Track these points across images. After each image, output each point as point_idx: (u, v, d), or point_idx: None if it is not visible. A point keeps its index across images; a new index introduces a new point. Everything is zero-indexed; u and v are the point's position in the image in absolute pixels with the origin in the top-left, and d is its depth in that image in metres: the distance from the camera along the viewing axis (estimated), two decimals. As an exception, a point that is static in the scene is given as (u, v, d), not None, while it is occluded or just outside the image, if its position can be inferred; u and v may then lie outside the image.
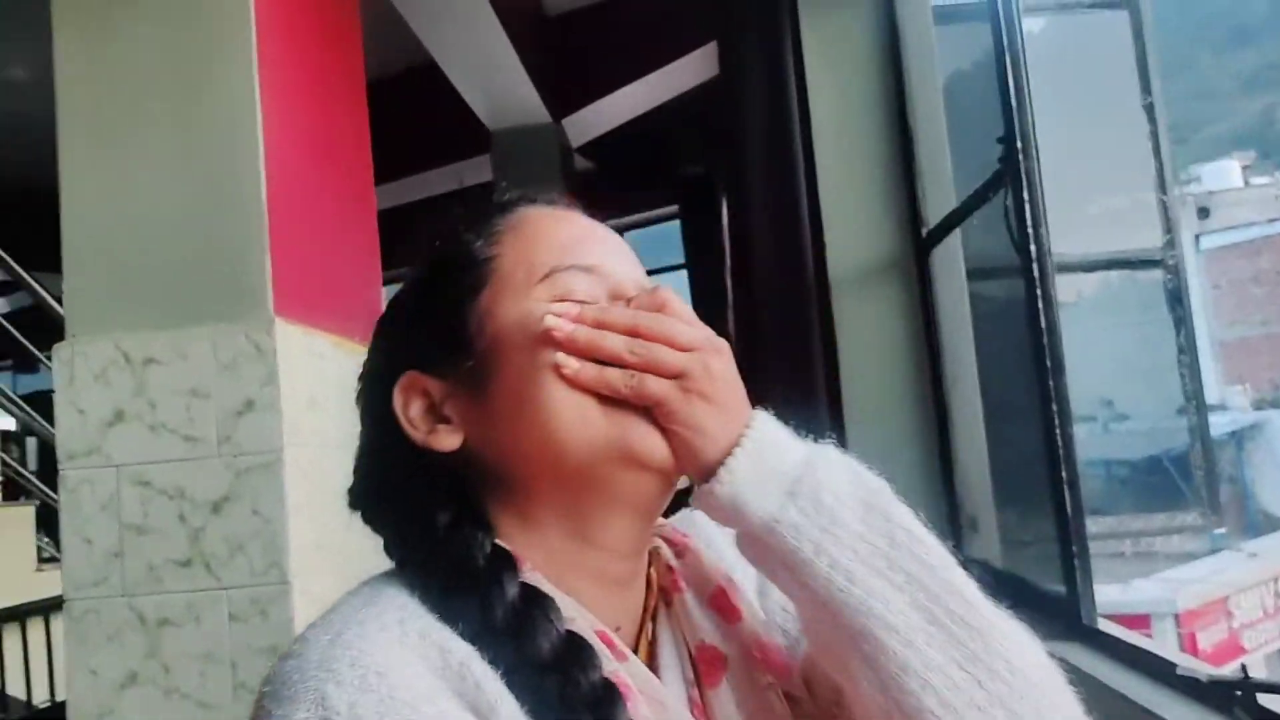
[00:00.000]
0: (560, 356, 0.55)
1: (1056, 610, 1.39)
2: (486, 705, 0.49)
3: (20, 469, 4.74)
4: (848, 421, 2.04)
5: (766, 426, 0.56)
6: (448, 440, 0.59)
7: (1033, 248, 1.37)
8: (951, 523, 1.94)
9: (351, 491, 0.65)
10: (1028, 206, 1.38)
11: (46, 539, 4.38)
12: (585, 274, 0.59)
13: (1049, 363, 1.34)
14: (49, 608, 3.64)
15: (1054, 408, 1.34)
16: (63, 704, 1.73)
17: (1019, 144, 1.39)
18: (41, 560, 4.18)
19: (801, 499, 0.54)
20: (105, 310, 1.64)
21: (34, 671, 3.60)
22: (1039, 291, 1.36)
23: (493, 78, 4.12)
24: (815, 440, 0.59)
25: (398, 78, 4.49)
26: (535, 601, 0.54)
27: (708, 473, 0.55)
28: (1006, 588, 1.61)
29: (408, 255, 0.67)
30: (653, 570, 0.63)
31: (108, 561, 1.58)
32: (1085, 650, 1.27)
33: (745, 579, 0.65)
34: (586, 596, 0.56)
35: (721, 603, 0.62)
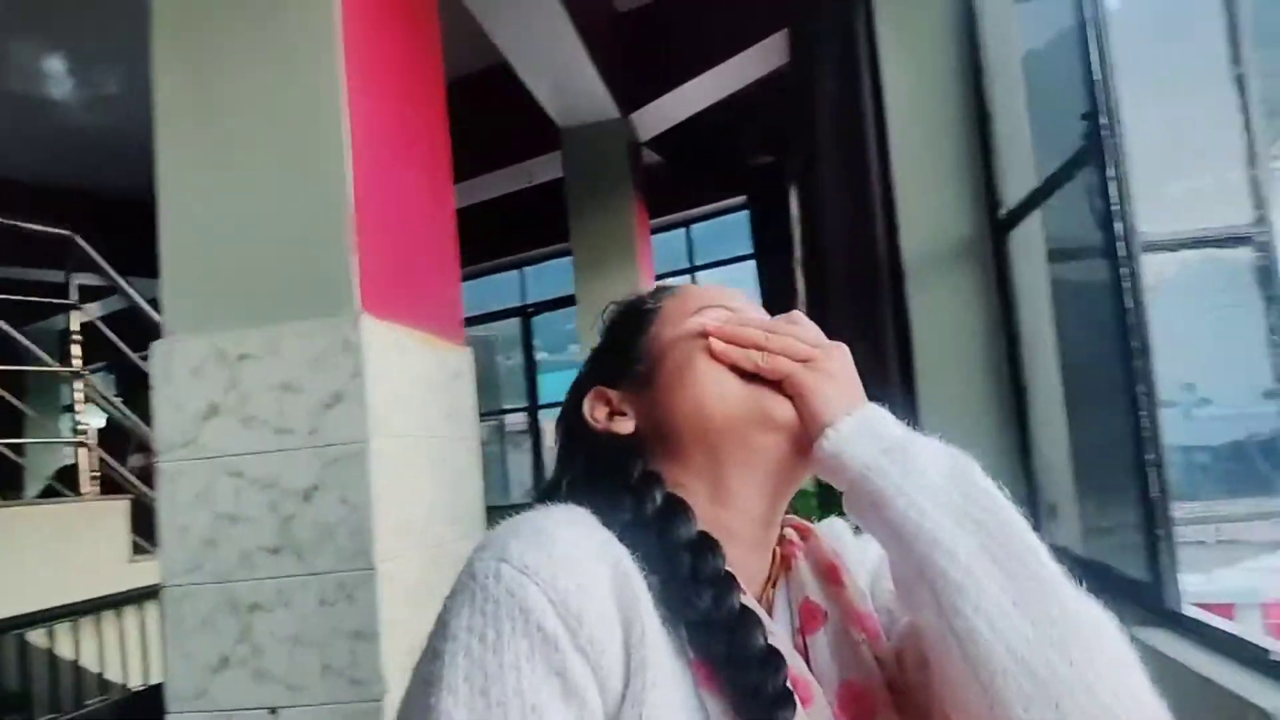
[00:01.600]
0: (711, 339, 0.70)
1: (1140, 596, 1.36)
2: (631, 595, 0.60)
3: (115, 464, 4.96)
4: (922, 408, 2.01)
5: (878, 409, 0.67)
6: (623, 426, 0.73)
7: (1119, 225, 1.33)
8: (1031, 510, 1.90)
9: (541, 488, 0.79)
10: (1113, 184, 1.35)
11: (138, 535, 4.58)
12: (728, 311, 0.75)
13: (1136, 343, 1.30)
14: (143, 597, 3.81)
15: (1140, 388, 1.31)
16: (158, 686, 1.80)
17: (1103, 119, 1.35)
18: (135, 552, 4.36)
19: (894, 454, 0.63)
20: (201, 309, 1.71)
21: (129, 657, 3.77)
22: (1125, 270, 1.32)
23: (563, 75, 4.16)
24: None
25: (470, 78, 4.57)
26: (705, 542, 0.65)
27: (822, 432, 0.66)
28: (1088, 574, 1.58)
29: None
30: (778, 548, 0.74)
31: (202, 549, 1.65)
32: (1171, 636, 1.23)
33: (859, 573, 0.75)
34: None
35: (830, 573, 0.72)
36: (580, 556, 0.59)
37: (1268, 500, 1.78)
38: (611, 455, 0.72)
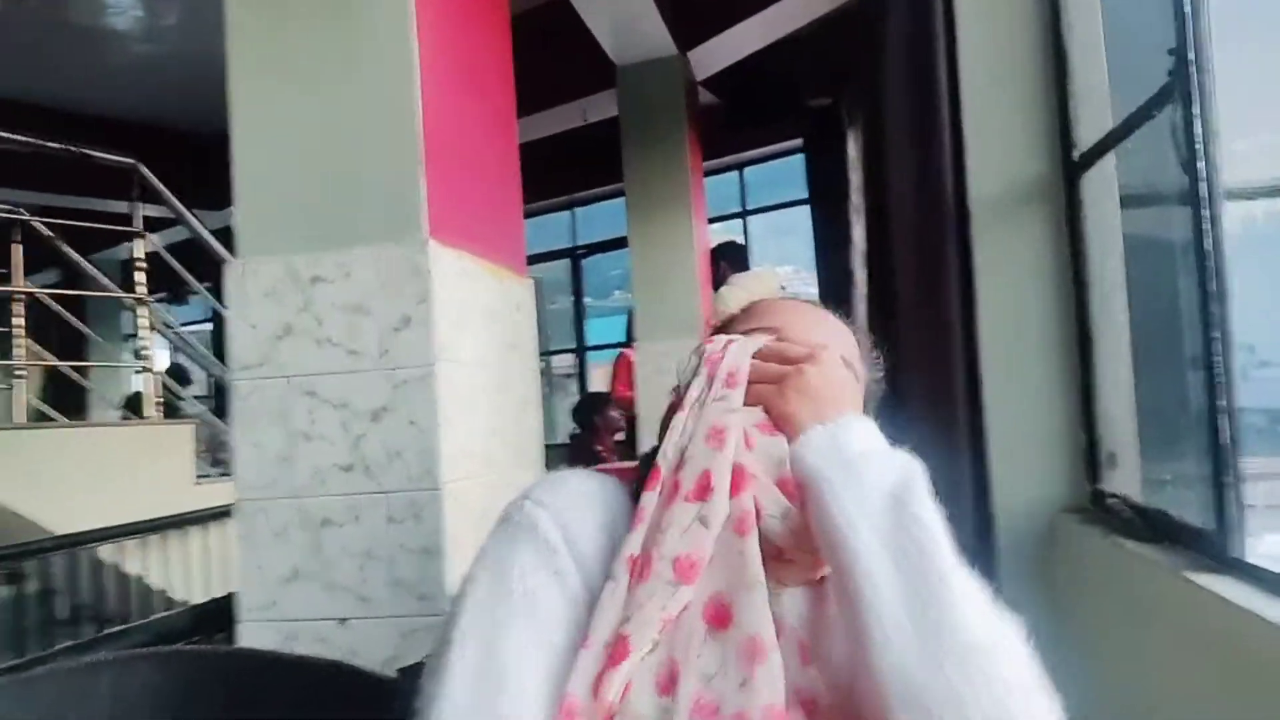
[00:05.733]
0: None
1: (1203, 545, 1.35)
2: (624, 531, 0.79)
3: (180, 391, 5.12)
4: (984, 353, 2.00)
5: (852, 422, 0.79)
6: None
7: (1202, 165, 1.30)
8: (1090, 459, 1.89)
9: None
10: (1199, 122, 1.31)
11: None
12: (766, 332, 0.90)
13: (1213, 286, 1.28)
14: (207, 518, 3.96)
15: (1215, 334, 1.28)
16: (225, 599, 1.88)
17: (1191, 55, 1.31)
18: (198, 476, 4.52)
19: (845, 468, 0.74)
20: (273, 232, 1.74)
21: (194, 576, 3.93)
22: (1207, 213, 1.29)
23: (621, 9, 4.11)
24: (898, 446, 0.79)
25: (527, 13, 4.53)
26: None
27: (794, 440, 0.79)
28: (1149, 522, 1.58)
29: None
30: None
31: (276, 465, 1.71)
32: (1236, 583, 1.23)
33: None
34: None
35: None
36: (583, 499, 0.82)
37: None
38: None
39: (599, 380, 7.70)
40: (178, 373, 6.37)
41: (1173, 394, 1.67)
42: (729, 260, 4.96)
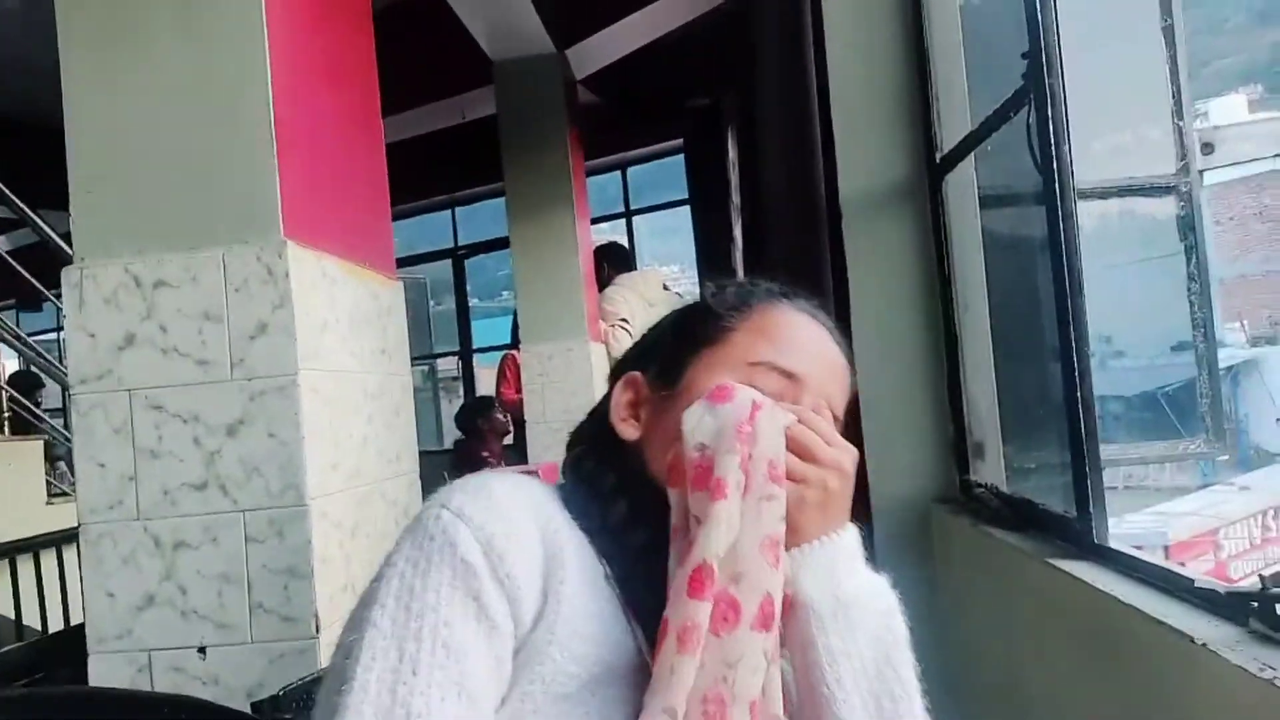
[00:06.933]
0: None
1: (1067, 532, 1.40)
2: (558, 546, 0.71)
3: (28, 404, 4.76)
4: (857, 348, 2.03)
5: (846, 541, 0.75)
6: (628, 431, 0.82)
7: (1055, 166, 1.34)
8: (958, 450, 1.95)
9: (573, 431, 0.90)
10: (1051, 124, 1.35)
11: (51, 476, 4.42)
12: (783, 376, 0.79)
13: (1069, 282, 1.33)
14: (60, 540, 3.68)
15: (1072, 328, 1.33)
16: (78, 628, 1.75)
17: (1044, 58, 1.36)
18: (51, 495, 4.22)
19: (838, 610, 0.71)
20: (114, 234, 1.62)
21: (48, 602, 3.65)
22: (1060, 209, 1.34)
23: (496, 5, 4.03)
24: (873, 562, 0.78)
25: (399, 7, 4.40)
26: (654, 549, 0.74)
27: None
28: (1015, 510, 1.64)
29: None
30: None
31: (122, 485, 1.59)
32: (1099, 569, 1.28)
33: None
34: None
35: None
36: (511, 511, 0.71)
37: (1184, 441, 1.86)
38: (609, 446, 0.82)
39: (486, 382, 7.57)
40: (27, 379, 5.93)
41: (1034, 385, 1.73)
42: (612, 261, 4.95)
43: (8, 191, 4.23)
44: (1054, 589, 1.30)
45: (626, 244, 6.78)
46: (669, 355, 0.83)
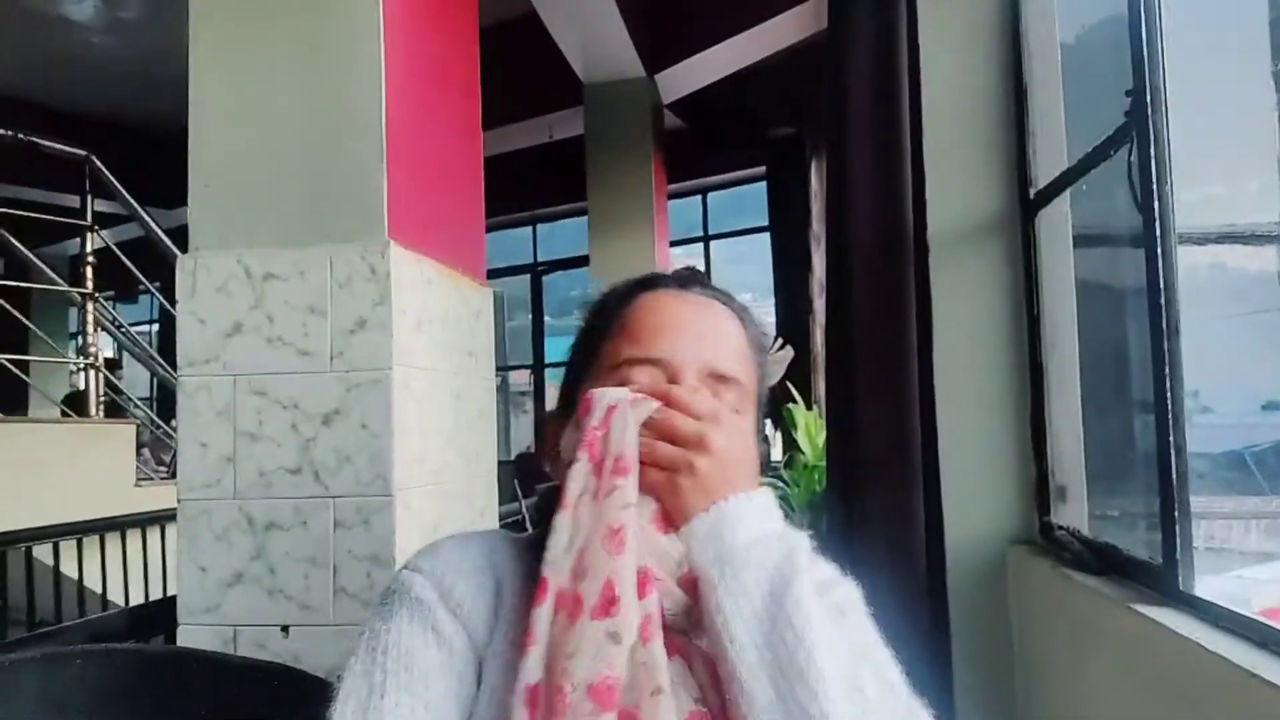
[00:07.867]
0: None
1: (1151, 579, 1.37)
2: (503, 580, 0.81)
3: (123, 389, 4.97)
4: (938, 385, 2.02)
5: (736, 504, 0.75)
6: (556, 472, 0.85)
7: (1156, 205, 1.33)
8: (1039, 492, 1.92)
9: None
10: (1154, 163, 1.34)
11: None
12: (650, 366, 0.82)
13: (1166, 324, 1.31)
14: (146, 521, 3.83)
15: (1167, 371, 1.31)
16: (163, 601, 1.82)
17: (1149, 96, 1.35)
18: (139, 478, 4.39)
19: (724, 568, 0.72)
20: (228, 227, 1.71)
21: (131, 579, 3.80)
22: (1160, 250, 1.32)
23: (591, 29, 4.13)
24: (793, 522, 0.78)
25: (496, 27, 4.53)
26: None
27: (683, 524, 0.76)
28: (1097, 555, 1.60)
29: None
30: None
31: (221, 465, 1.66)
32: (1184, 616, 1.25)
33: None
34: None
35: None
36: (458, 556, 0.82)
37: (1269, 501, 1.80)
38: (550, 492, 0.86)
39: (555, 398, 7.64)
40: (110, 364, 6.19)
41: (1120, 431, 1.70)
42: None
43: (121, 189, 4.46)
44: (1137, 635, 1.28)
45: (703, 269, 6.80)
46: (567, 384, 0.91)
